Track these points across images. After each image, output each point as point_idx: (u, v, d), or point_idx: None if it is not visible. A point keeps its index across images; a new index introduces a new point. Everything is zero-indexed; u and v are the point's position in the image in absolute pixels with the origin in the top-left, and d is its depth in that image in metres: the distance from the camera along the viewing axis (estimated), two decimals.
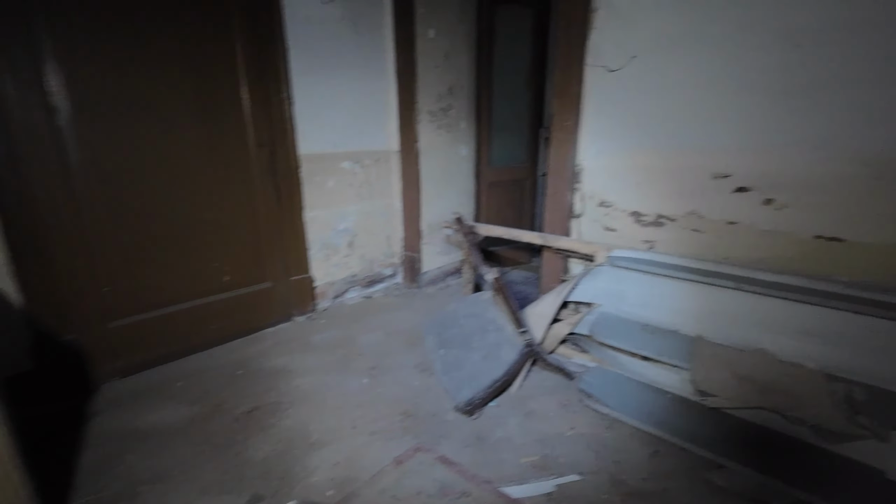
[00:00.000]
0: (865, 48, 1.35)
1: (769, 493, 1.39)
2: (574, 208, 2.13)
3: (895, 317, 1.34)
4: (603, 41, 1.88)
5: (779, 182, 1.57)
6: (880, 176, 1.39)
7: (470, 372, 1.76)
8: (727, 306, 1.67)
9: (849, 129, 1.42)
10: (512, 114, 3.34)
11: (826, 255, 1.53)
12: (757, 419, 1.57)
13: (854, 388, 1.41)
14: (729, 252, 1.72)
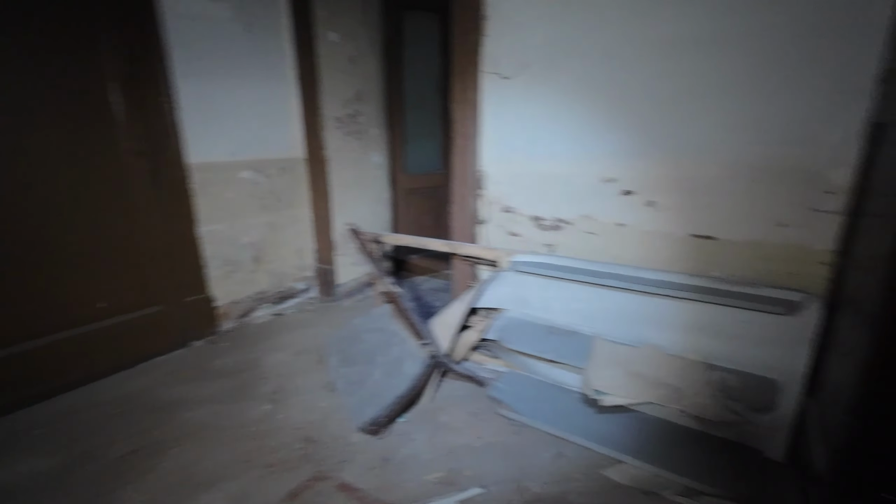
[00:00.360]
0: (730, 61, 1.45)
1: (661, 483, 1.45)
2: (479, 214, 2.13)
3: (761, 308, 1.45)
4: (496, 49, 1.90)
5: (658, 185, 1.66)
6: (743, 178, 1.51)
7: (373, 390, 1.68)
8: (620, 305, 1.73)
9: (717, 136, 1.53)
10: (426, 120, 3.33)
11: (702, 252, 1.63)
12: (648, 412, 1.65)
13: (728, 374, 1.52)
14: (620, 252, 1.80)
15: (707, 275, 1.62)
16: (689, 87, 1.54)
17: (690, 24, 1.49)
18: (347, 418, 1.75)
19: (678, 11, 1.50)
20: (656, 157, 1.65)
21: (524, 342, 1.88)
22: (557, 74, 1.79)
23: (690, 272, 1.65)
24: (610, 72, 1.67)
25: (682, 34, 1.51)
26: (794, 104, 1.39)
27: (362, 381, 1.71)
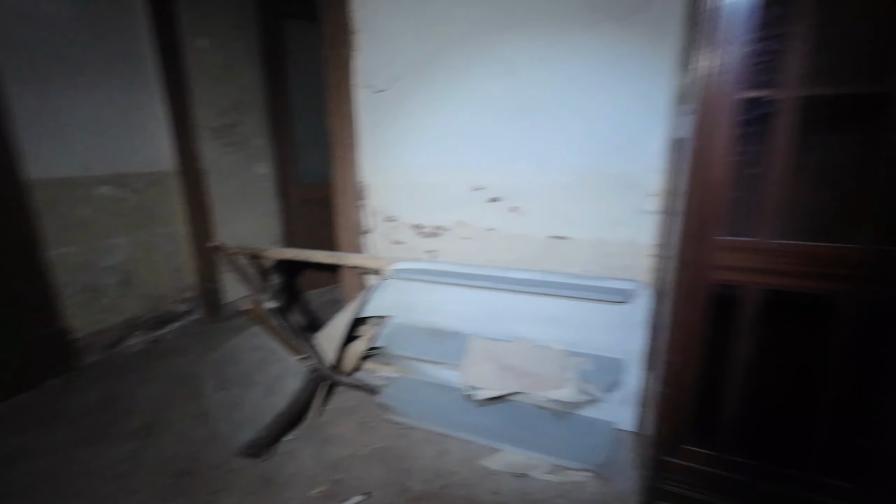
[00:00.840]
0: (566, 80, 1.64)
1: (532, 465, 1.58)
2: (363, 224, 2.16)
3: (605, 298, 1.66)
4: (368, 63, 1.95)
5: (519, 192, 1.82)
6: (587, 185, 1.71)
7: (253, 412, 1.62)
8: (493, 304, 1.86)
9: (563, 148, 1.71)
10: (319, 129, 3.26)
11: (559, 251, 1.82)
12: (521, 401, 1.79)
13: (583, 359, 1.70)
14: (492, 255, 1.93)
15: (564, 271, 1.81)
16: (537, 104, 1.71)
17: (531, 46, 1.66)
18: (226, 445, 1.67)
19: (520, 34, 1.66)
20: (515, 167, 1.80)
21: (410, 347, 1.93)
22: (426, 89, 1.88)
23: (551, 270, 1.82)
24: (467, 89, 1.79)
25: (524, 55, 1.67)
26: (620, 121, 1.61)
27: (240, 404, 1.65)
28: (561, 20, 1.60)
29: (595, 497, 1.46)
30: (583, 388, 1.59)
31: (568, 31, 1.60)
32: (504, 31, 1.70)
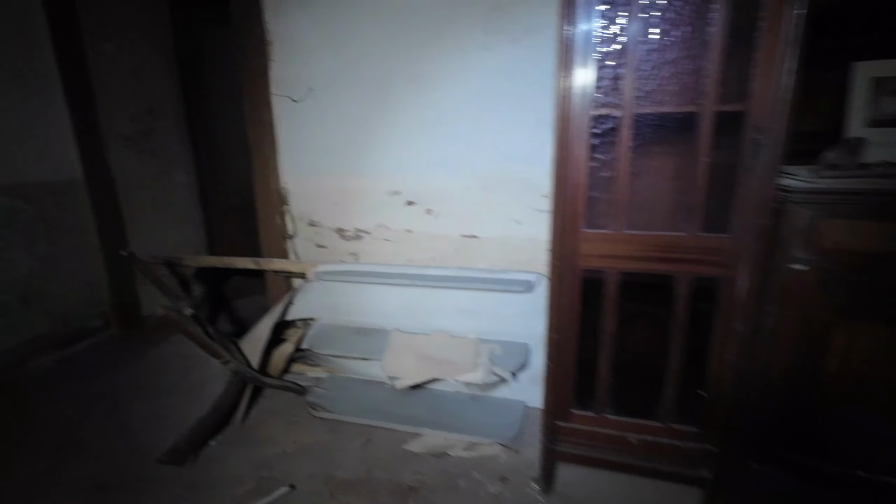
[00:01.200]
0: (462, 93, 1.81)
1: (450, 445, 1.73)
2: (287, 230, 2.21)
3: (510, 289, 1.84)
4: (284, 73, 2.01)
5: (432, 196, 1.97)
6: (492, 188, 1.89)
7: (174, 419, 1.63)
8: (414, 301, 1.99)
9: (469, 155, 1.88)
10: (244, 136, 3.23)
11: (470, 249, 1.99)
12: (441, 388, 1.93)
13: (494, 345, 1.88)
14: (411, 255, 2.07)
15: (475, 267, 1.98)
16: (447, 116, 1.86)
17: (439, 63, 1.81)
18: (148, 455, 1.66)
19: (429, 52, 1.81)
20: (429, 173, 1.95)
21: (337, 346, 2.02)
22: (339, 99, 1.98)
23: (463, 266, 1.99)
24: (385, 100, 1.92)
25: (433, 71, 1.82)
26: (518, 131, 1.80)
27: (162, 413, 1.65)
28: (462, 40, 1.77)
29: (506, 466, 1.64)
30: (493, 370, 1.77)
31: (469, 50, 1.77)
32: (414, 48, 1.84)
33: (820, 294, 1.06)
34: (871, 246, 0.99)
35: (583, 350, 1.37)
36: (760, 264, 1.12)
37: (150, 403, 1.72)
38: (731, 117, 1.11)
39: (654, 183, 1.29)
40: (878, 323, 1.02)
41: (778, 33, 1.00)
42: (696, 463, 1.34)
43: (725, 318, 1.20)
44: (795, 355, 1.11)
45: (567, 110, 1.17)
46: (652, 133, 1.21)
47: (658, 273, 1.25)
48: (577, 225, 1.26)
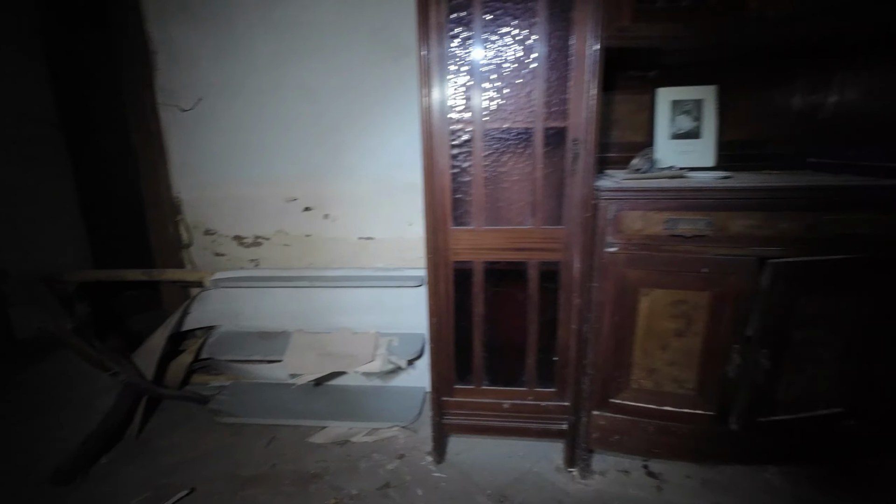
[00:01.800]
0: (353, 105, 1.95)
1: (352, 433, 1.85)
2: (182, 239, 2.19)
3: (404, 285, 2.01)
4: (170, 82, 2.01)
5: (329, 201, 2.09)
6: (385, 192, 2.04)
7: (60, 436, 1.58)
8: (316, 302, 2.09)
9: (363, 161, 2.03)
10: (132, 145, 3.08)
11: (367, 250, 2.13)
12: (346, 383, 2.05)
13: (393, 337, 2.04)
14: (312, 258, 2.16)
15: (373, 266, 2.13)
16: (340, 125, 1.99)
17: (329, 76, 1.94)
18: (32, 476, 1.59)
19: (320, 64, 1.93)
20: (326, 179, 2.07)
21: (240, 351, 2.05)
22: (237, 108, 2.02)
23: (362, 266, 2.13)
24: (279, 109, 2.00)
25: (324, 83, 1.95)
26: (404, 139, 1.98)
27: (47, 432, 1.59)
28: (350, 56, 1.92)
29: (404, 445, 1.80)
30: (390, 360, 1.92)
31: (358, 65, 1.92)
32: (306, 60, 1.94)
33: (627, 269, 1.36)
34: (656, 231, 1.30)
35: (461, 331, 1.57)
36: (587, 249, 1.40)
37: (33, 423, 1.64)
38: (557, 132, 1.38)
39: (505, 185, 1.53)
40: (663, 288, 1.35)
41: (583, 67, 1.28)
42: (557, 418, 1.60)
43: (567, 294, 1.47)
44: (615, 319, 1.41)
45: (430, 124, 1.37)
46: (500, 144, 1.45)
47: (515, 261, 1.49)
48: (447, 223, 1.46)
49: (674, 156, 1.73)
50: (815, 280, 1.29)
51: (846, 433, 1.45)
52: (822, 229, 1.25)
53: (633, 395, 1.49)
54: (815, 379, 1.41)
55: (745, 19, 1.26)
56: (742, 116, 1.75)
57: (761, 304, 1.31)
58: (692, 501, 1.52)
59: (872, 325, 1.34)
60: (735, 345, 1.36)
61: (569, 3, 1.26)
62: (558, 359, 1.55)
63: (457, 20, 1.31)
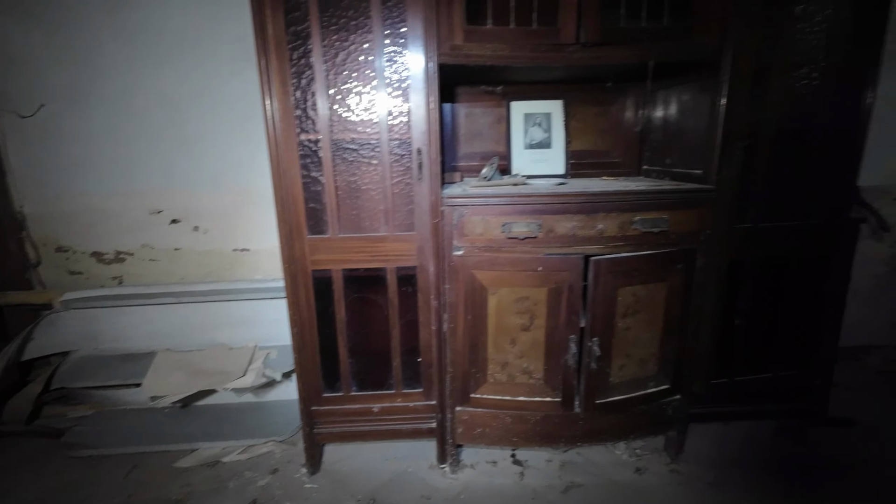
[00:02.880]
0: (216, 113, 1.90)
1: (224, 453, 1.78)
2: (28, 257, 1.99)
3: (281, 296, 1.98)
4: (4, 84, 1.83)
5: (198, 212, 2.00)
6: (255, 203, 2.00)
7: None
8: (188, 318, 1.99)
9: (232, 171, 1.97)
10: None
11: (244, 262, 2.07)
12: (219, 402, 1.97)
13: (272, 350, 2.00)
14: (183, 272, 2.06)
15: (251, 278, 2.08)
16: (204, 133, 1.93)
17: (189, 83, 1.87)
18: None
19: (178, 71, 1.86)
20: (193, 190, 1.98)
21: (96, 377, 1.89)
22: (83, 115, 1.88)
23: (240, 278, 2.06)
24: (135, 117, 1.89)
25: (184, 91, 1.88)
26: None
27: None
28: (212, 65, 1.87)
29: (279, 459, 1.77)
30: (264, 373, 1.88)
31: (219, 74, 1.88)
32: (164, 68, 1.86)
33: (474, 271, 1.45)
34: (495, 234, 1.41)
35: (325, 340, 1.58)
36: (438, 253, 1.48)
37: None
38: (402, 142, 1.44)
39: (359, 194, 1.57)
40: (508, 287, 1.46)
41: (421, 81, 1.36)
42: (426, 417, 1.66)
43: (425, 297, 1.54)
44: (468, 318, 1.49)
45: (276, 135, 1.37)
46: (350, 154, 1.49)
47: (373, 267, 1.53)
48: (302, 232, 1.47)
49: (529, 164, 1.88)
50: (631, 273, 1.47)
51: (674, 406, 1.65)
52: (633, 228, 1.43)
53: (491, 388, 1.58)
54: (642, 361, 1.59)
55: (563, 45, 1.41)
56: (588, 128, 1.94)
57: (589, 297, 1.46)
58: (549, 483, 1.64)
59: (674, 309, 1.54)
60: (572, 335, 1.49)
61: (400, 21, 1.33)
62: (422, 359, 1.61)
63: (295, 34, 1.33)
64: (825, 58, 1.48)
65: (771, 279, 1.62)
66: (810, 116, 1.52)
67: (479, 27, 1.38)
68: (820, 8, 1.47)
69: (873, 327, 2.37)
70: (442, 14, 1.33)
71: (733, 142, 1.44)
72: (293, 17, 1.31)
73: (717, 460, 1.73)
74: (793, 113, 1.53)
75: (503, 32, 1.39)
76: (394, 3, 1.33)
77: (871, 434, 1.86)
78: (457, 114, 1.90)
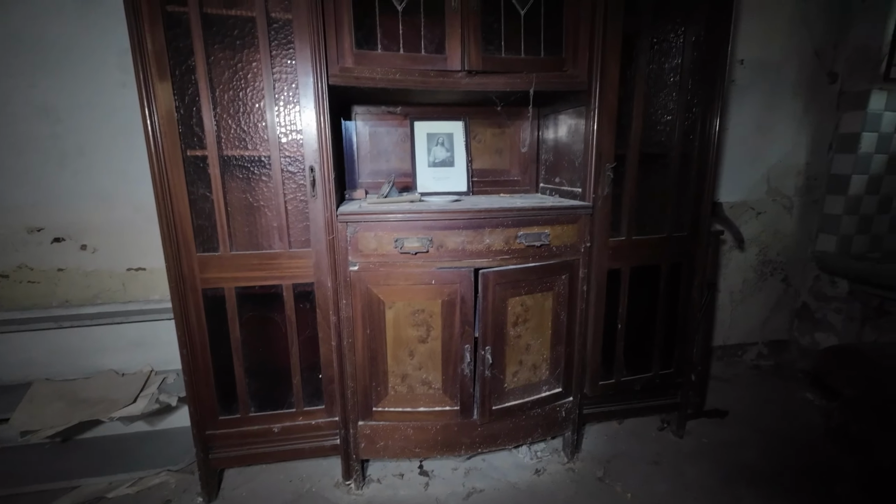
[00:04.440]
0: (105, 125, 1.80)
1: (110, 487, 1.66)
2: None
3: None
4: None
5: (86, 230, 1.88)
6: (151, 218, 1.90)
7: None
8: (72, 343, 1.85)
9: (124, 185, 1.87)
10: None
11: (139, 281, 1.96)
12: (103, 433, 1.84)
13: (169, 374, 1.90)
14: (68, 295, 1.91)
15: (147, 298, 1.97)
16: (85, 147, 1.81)
17: (73, 94, 1.77)
18: None
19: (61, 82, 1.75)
20: (80, 205, 1.85)
21: None
22: None
23: (133, 299, 1.95)
24: (7, 129, 1.75)
25: (67, 102, 1.77)
26: None
27: None
28: (98, 76, 1.77)
29: (174, 489, 1.67)
30: (159, 399, 1.78)
31: (107, 85, 1.79)
32: (46, 77, 1.74)
33: (370, 285, 1.49)
34: (388, 249, 1.46)
35: (220, 360, 1.53)
36: (334, 268, 1.50)
37: None
38: (294, 160, 1.46)
39: (253, 210, 1.56)
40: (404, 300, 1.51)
41: (312, 100, 1.39)
42: (329, 434, 1.65)
43: (324, 312, 1.54)
44: (367, 332, 1.52)
45: (158, 151, 1.34)
46: (241, 171, 1.49)
47: (269, 284, 1.52)
48: (191, 249, 1.43)
49: (433, 182, 1.96)
50: (519, 284, 1.57)
51: (566, 408, 1.76)
52: (517, 242, 1.53)
53: (392, 401, 1.61)
54: (535, 366, 1.69)
55: (450, 71, 1.50)
56: (487, 148, 2.06)
57: (479, 308, 1.54)
58: (453, 490, 1.69)
59: (561, 316, 1.67)
60: (466, 345, 1.56)
61: (288, 43, 1.36)
62: (323, 375, 1.60)
63: (177, 49, 1.31)
64: (678, 91, 1.69)
65: (645, 286, 1.80)
66: (668, 142, 1.73)
67: (368, 52, 1.44)
68: (673, 47, 1.68)
69: (747, 327, 2.68)
70: (331, 37, 1.38)
71: (604, 163, 1.59)
72: (174, 32, 1.30)
73: (608, 456, 1.87)
74: (653, 139, 1.73)
75: (393, 58, 1.46)
76: (280, 25, 1.36)
77: (740, 421, 2.09)
78: (361, 132, 1.94)
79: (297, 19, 1.33)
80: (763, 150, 2.43)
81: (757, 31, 2.27)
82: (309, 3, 1.32)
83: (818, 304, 2.57)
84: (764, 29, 2.27)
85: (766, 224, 2.55)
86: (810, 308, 2.61)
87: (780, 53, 2.33)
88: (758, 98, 2.35)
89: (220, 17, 1.34)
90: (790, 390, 2.39)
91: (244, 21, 1.36)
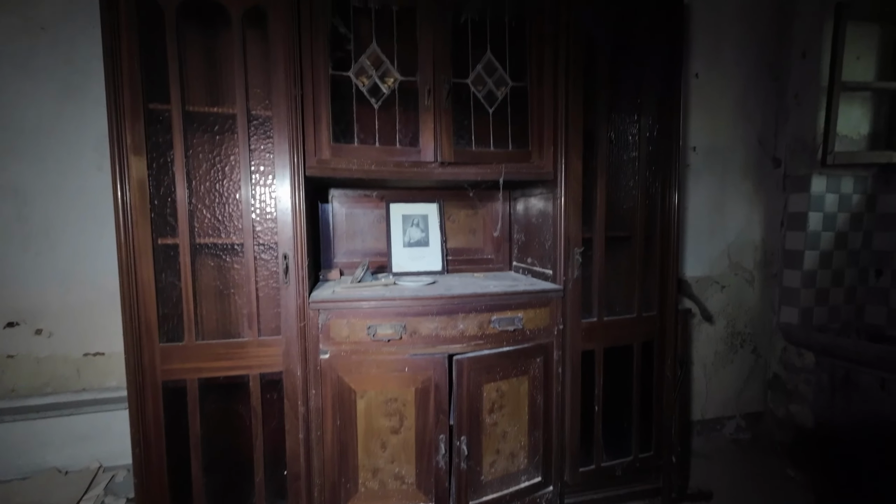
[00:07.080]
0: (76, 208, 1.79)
1: None
2: None
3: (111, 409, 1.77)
4: None
5: (42, 313, 1.80)
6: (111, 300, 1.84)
7: None
8: (11, 439, 1.70)
9: (87, 267, 1.82)
10: None
11: (95, 367, 1.86)
12: None
13: (120, 470, 1.74)
14: (15, 383, 1.78)
15: (102, 386, 1.85)
16: (51, 230, 1.78)
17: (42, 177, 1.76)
18: None
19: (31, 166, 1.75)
20: (35, 288, 1.78)
21: None
22: None
23: (86, 387, 1.83)
24: None
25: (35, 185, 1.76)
26: None
27: None
28: (74, 157, 1.79)
29: None
30: (104, 502, 1.62)
31: (83, 168, 1.79)
32: (16, 162, 1.74)
33: (342, 374, 1.45)
34: (360, 337, 1.44)
35: (175, 458, 1.43)
36: (305, 357, 1.45)
37: None
38: (268, 247, 1.46)
39: (221, 298, 1.54)
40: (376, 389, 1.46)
41: (288, 191, 1.42)
42: None
43: (292, 403, 1.48)
44: (337, 423, 1.45)
45: (127, 239, 1.33)
46: (213, 258, 1.48)
47: (234, 375, 1.46)
48: (153, 339, 1.38)
49: (408, 261, 1.98)
50: (493, 369, 1.55)
51: (547, 499, 1.68)
52: (491, 327, 1.54)
53: (362, 498, 1.51)
54: (512, 455, 1.63)
55: (424, 162, 1.57)
56: (461, 228, 2.11)
57: (454, 395, 1.50)
58: None
59: (537, 401, 1.64)
60: (441, 435, 1.51)
61: (266, 138, 1.42)
62: (288, 471, 1.50)
63: (156, 144, 1.35)
64: (638, 176, 1.80)
65: (620, 366, 1.80)
66: (632, 225, 1.81)
67: (345, 145, 1.51)
68: (630, 137, 1.82)
69: (723, 399, 2.68)
70: (309, 132, 1.44)
71: (572, 247, 1.66)
72: (155, 128, 1.34)
73: None
74: (618, 222, 1.82)
75: (369, 150, 1.53)
76: (260, 121, 1.43)
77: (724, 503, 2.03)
78: (338, 213, 1.98)
79: (277, 116, 1.39)
80: (721, 227, 2.57)
81: (705, 122, 2.49)
82: (288, 101, 1.39)
83: (788, 374, 2.61)
84: (711, 120, 2.50)
85: (731, 297, 2.64)
86: (782, 379, 2.65)
87: (728, 141, 2.54)
88: (712, 180, 2.53)
89: (201, 114, 1.40)
90: (771, 467, 2.35)
91: (225, 117, 1.42)
